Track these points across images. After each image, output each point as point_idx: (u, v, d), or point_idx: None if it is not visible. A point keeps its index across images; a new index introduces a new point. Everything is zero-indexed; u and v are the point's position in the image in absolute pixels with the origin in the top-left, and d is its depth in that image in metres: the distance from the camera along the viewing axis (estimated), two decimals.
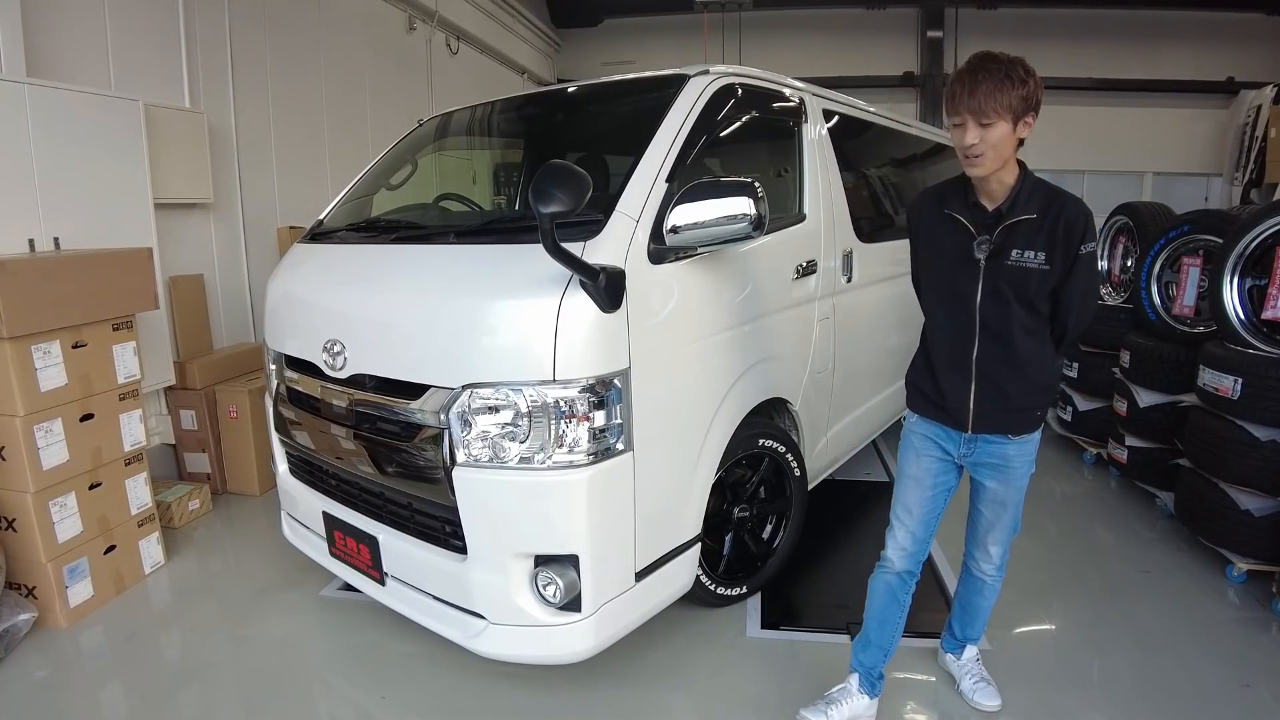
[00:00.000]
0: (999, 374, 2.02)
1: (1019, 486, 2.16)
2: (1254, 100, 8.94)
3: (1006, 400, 2.03)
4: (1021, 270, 1.93)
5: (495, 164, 4.32)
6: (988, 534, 2.25)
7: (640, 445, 2.20)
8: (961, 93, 1.85)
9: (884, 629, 2.27)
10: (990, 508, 2.21)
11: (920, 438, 2.20)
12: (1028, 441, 2.11)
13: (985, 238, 1.95)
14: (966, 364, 2.04)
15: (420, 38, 7.16)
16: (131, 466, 3.22)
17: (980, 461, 2.14)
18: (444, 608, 2.35)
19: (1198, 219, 4.06)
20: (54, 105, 3.23)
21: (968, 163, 1.90)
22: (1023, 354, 1.99)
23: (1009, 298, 1.95)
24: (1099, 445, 4.60)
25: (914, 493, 2.20)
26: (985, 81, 1.81)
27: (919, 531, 2.20)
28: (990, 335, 2.00)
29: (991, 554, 2.29)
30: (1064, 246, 1.90)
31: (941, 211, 2.05)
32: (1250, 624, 2.88)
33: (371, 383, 2.37)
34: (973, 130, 1.84)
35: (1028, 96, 1.83)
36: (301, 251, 2.95)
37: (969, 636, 2.46)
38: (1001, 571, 2.33)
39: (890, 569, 2.24)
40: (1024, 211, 1.92)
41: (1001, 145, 1.85)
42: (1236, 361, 3.17)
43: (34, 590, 2.88)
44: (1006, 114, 1.82)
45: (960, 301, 2.02)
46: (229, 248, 4.74)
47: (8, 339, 2.67)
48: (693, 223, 2.18)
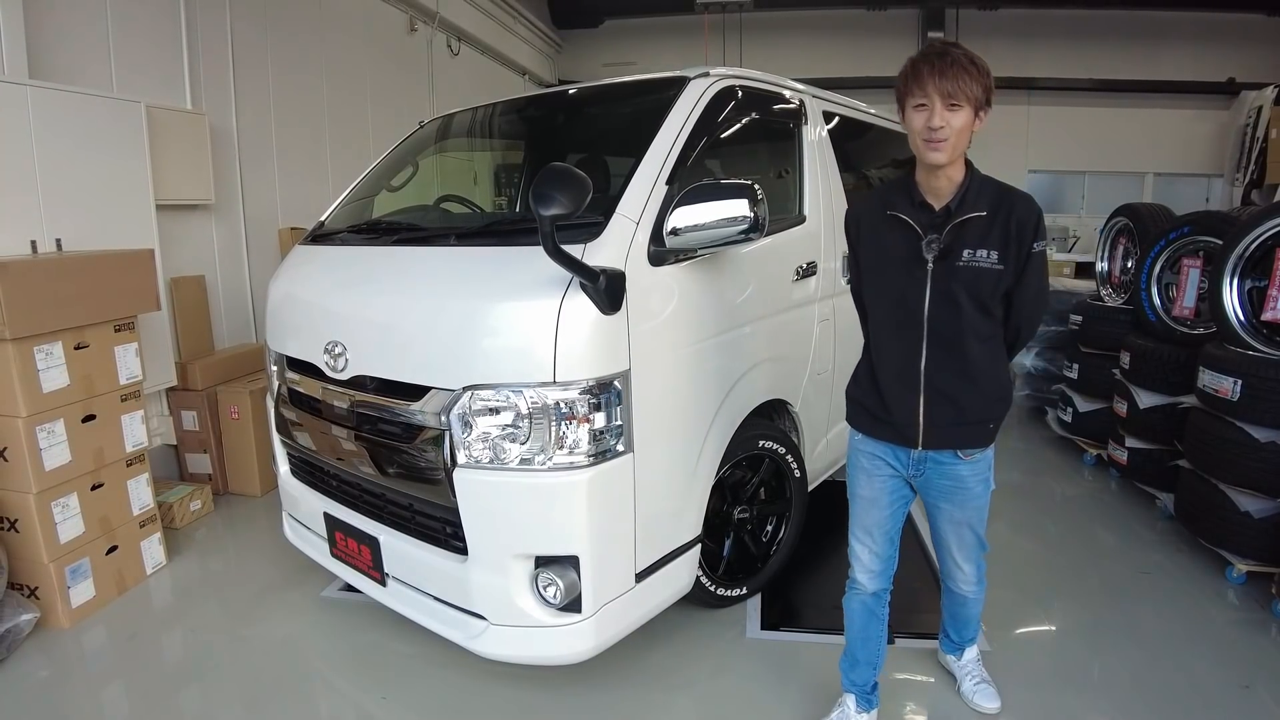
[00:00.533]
0: (950, 385, 1.91)
1: (977, 507, 2.08)
2: (1255, 101, 8.93)
3: (959, 413, 1.93)
4: (974, 270, 1.84)
5: (496, 166, 4.33)
6: (955, 553, 2.19)
7: (640, 446, 2.21)
8: (930, 73, 1.76)
9: (868, 645, 2.22)
10: (949, 529, 2.13)
11: (868, 457, 2.10)
12: (979, 460, 2.02)
13: (934, 237, 1.86)
14: (914, 375, 1.93)
15: (421, 39, 7.17)
16: (133, 467, 3.23)
17: (930, 484, 2.05)
18: (445, 608, 2.36)
19: (1198, 220, 4.07)
20: (56, 106, 3.24)
21: (930, 147, 1.80)
22: (976, 363, 1.90)
23: (961, 301, 1.85)
24: (1099, 446, 4.60)
25: (870, 514, 2.12)
26: (955, 65, 1.75)
27: (884, 550, 2.14)
28: (939, 343, 1.90)
29: (964, 570, 2.22)
30: (1016, 245, 1.83)
31: (884, 214, 1.95)
32: (1250, 625, 2.88)
33: (373, 384, 2.38)
34: (940, 112, 1.76)
35: (988, 89, 1.79)
36: (303, 253, 2.96)
37: (965, 639, 2.45)
38: (981, 583, 2.27)
39: (864, 591, 2.18)
40: (973, 209, 1.84)
41: (963, 133, 1.79)
42: (1236, 363, 3.17)
43: (36, 591, 2.89)
44: (971, 101, 1.77)
45: (907, 308, 1.91)
46: (230, 249, 4.74)
47: (10, 340, 2.68)
48: (693, 225, 2.18)
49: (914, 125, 1.82)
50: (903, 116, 1.87)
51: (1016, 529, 3.84)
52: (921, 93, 1.78)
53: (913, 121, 1.82)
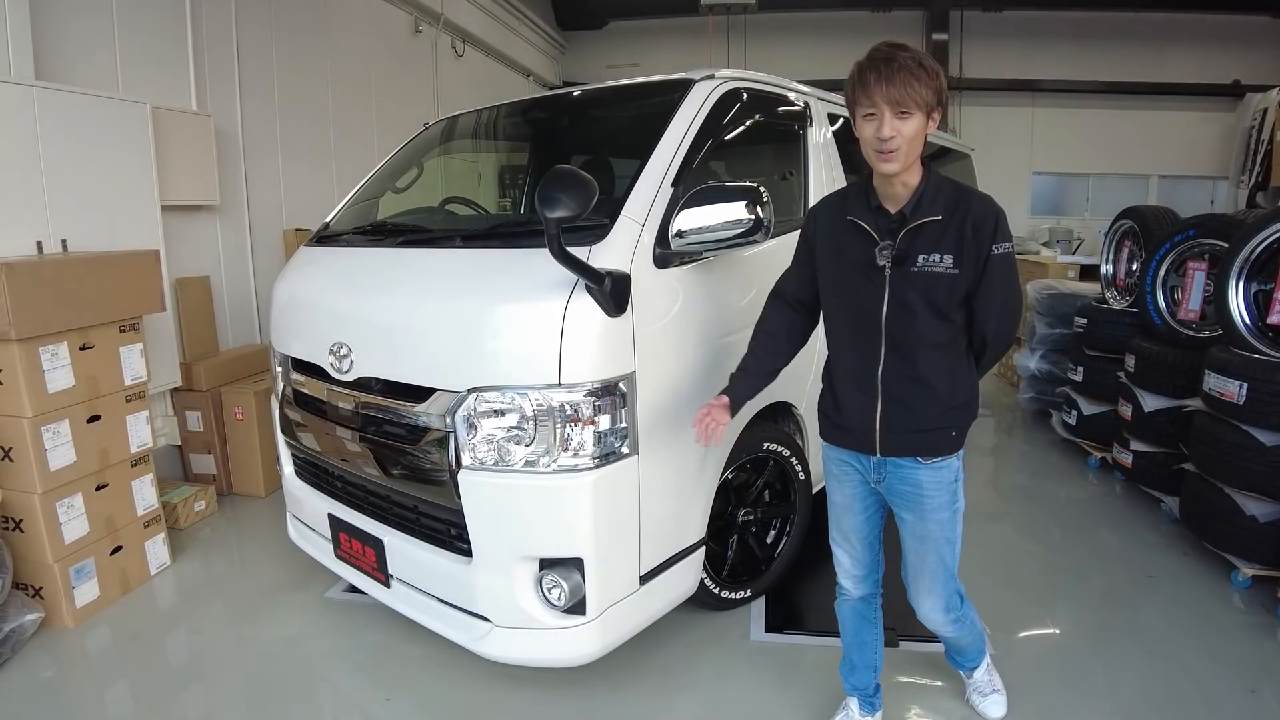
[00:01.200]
0: (906, 392, 1.87)
1: (940, 520, 1.95)
2: (1260, 103, 8.91)
3: (915, 419, 1.88)
4: (928, 276, 1.79)
5: (501, 168, 4.33)
6: (917, 580, 2.06)
7: (645, 449, 2.21)
8: (877, 81, 1.69)
9: (864, 650, 2.21)
10: (913, 544, 2.02)
11: (837, 464, 2.07)
12: (942, 468, 1.93)
13: (888, 243, 1.81)
14: (872, 382, 1.89)
15: (426, 40, 7.18)
16: (138, 468, 3.24)
17: (893, 489, 1.98)
18: (449, 610, 2.36)
19: (1203, 223, 4.05)
20: (62, 108, 3.26)
21: (882, 158, 1.74)
22: (931, 370, 1.85)
23: (916, 307, 1.81)
24: (1104, 449, 4.59)
25: (845, 519, 2.10)
26: (902, 70, 1.68)
27: (864, 555, 2.12)
28: (896, 350, 1.85)
29: (924, 609, 2.08)
30: (973, 248, 1.77)
31: (844, 219, 1.90)
32: (1256, 629, 2.87)
33: (378, 385, 2.38)
34: (889, 121, 1.70)
35: (939, 90, 1.72)
36: (308, 254, 2.96)
37: (966, 664, 2.37)
38: (959, 623, 2.13)
39: (851, 596, 2.17)
40: (928, 213, 1.78)
41: (915, 140, 1.73)
42: (1242, 366, 3.16)
43: (41, 590, 2.89)
44: (921, 107, 1.70)
45: (865, 315, 1.87)
46: (235, 250, 4.75)
47: (16, 341, 2.69)
48: (698, 227, 2.18)
49: (864, 135, 1.77)
50: (854, 125, 1.82)
51: (1021, 532, 3.84)
52: (869, 102, 1.73)
53: (863, 131, 1.77)
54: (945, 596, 2.05)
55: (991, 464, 5.05)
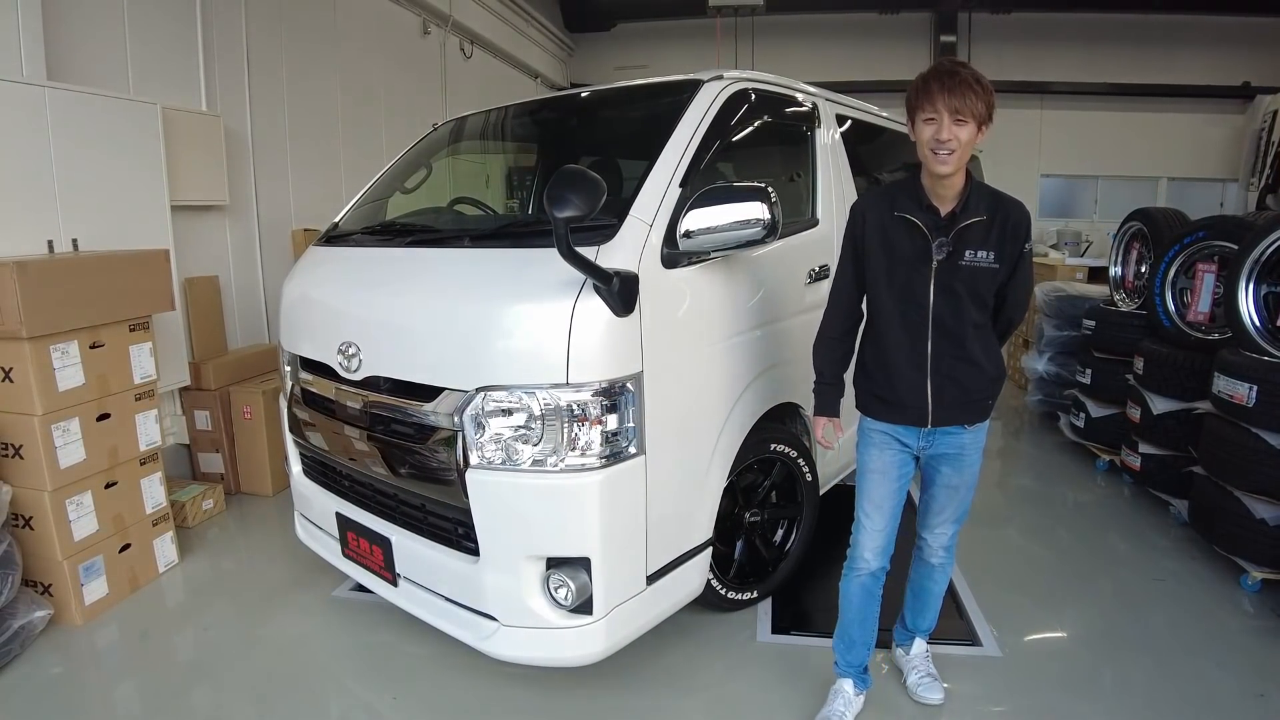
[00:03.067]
0: (955, 369, 2.08)
1: (973, 472, 2.23)
2: (1270, 105, 8.89)
3: (965, 393, 2.11)
4: (974, 270, 2.02)
5: (509, 168, 4.34)
6: (938, 516, 2.30)
7: (652, 449, 2.21)
8: (940, 90, 1.91)
9: (865, 626, 2.32)
10: (944, 492, 2.25)
11: (880, 434, 2.23)
12: (980, 430, 2.19)
13: (942, 239, 2.01)
14: (922, 362, 2.09)
15: (434, 42, 7.20)
16: (147, 466, 3.25)
17: (939, 453, 2.19)
18: (456, 609, 2.36)
19: (1213, 225, 4.04)
20: (73, 108, 3.27)
21: (937, 159, 1.95)
22: (975, 348, 2.08)
23: (962, 296, 2.03)
24: (1112, 452, 4.58)
25: (881, 487, 2.23)
26: (963, 84, 1.89)
27: (888, 526, 2.25)
28: (943, 333, 2.06)
29: (941, 535, 2.33)
30: (1010, 246, 2.02)
31: (892, 214, 2.08)
32: (1265, 633, 2.86)
33: (386, 385, 2.38)
34: (947, 125, 1.91)
35: (990, 107, 1.94)
36: (317, 254, 2.97)
37: (919, 627, 2.50)
38: (951, 555, 2.38)
39: (865, 569, 2.27)
40: (974, 214, 2.01)
41: (968, 146, 1.94)
42: (1252, 369, 3.14)
43: (50, 588, 2.91)
44: (975, 118, 1.92)
45: (914, 302, 2.07)
46: (244, 250, 4.77)
47: (27, 339, 2.70)
48: (706, 227, 2.19)
49: (923, 137, 1.97)
50: (912, 128, 2.02)
51: (1028, 534, 3.83)
52: (931, 108, 1.93)
53: (922, 133, 1.97)
54: (959, 521, 2.33)
55: (999, 466, 5.03)
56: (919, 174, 2.07)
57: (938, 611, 2.48)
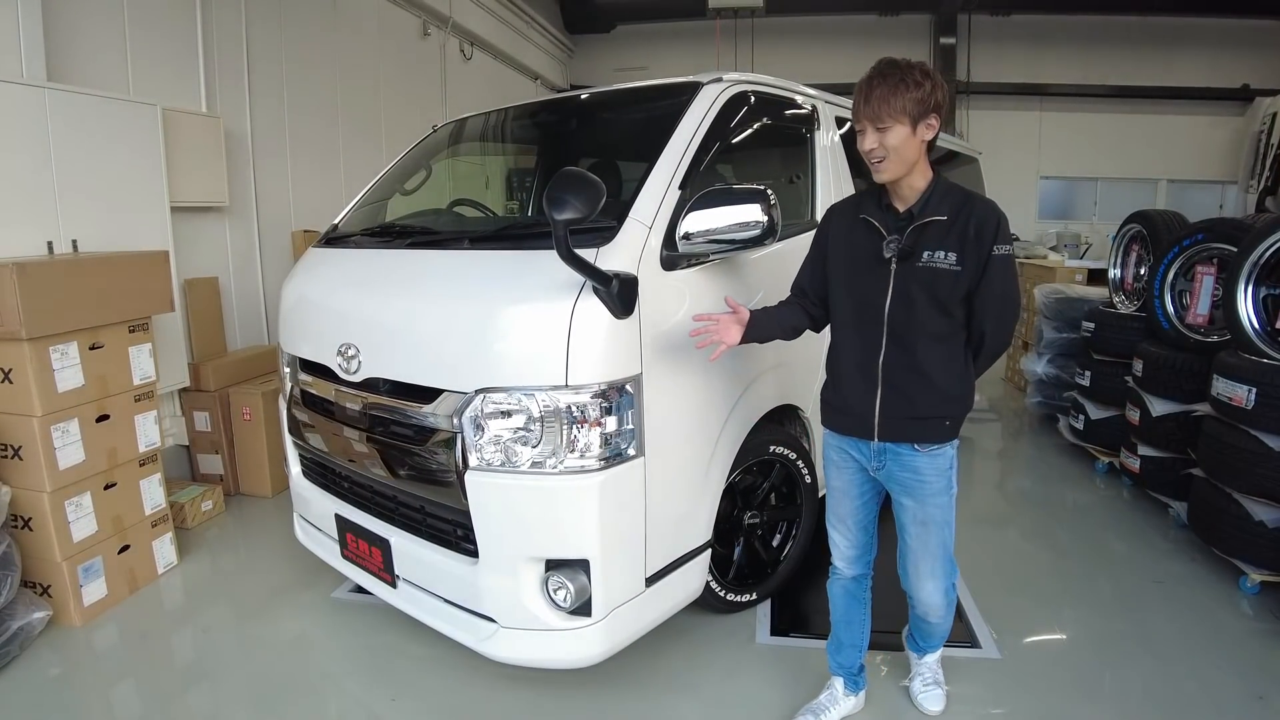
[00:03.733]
0: (905, 380, 1.98)
1: (938, 504, 2.06)
2: (1270, 107, 8.90)
3: (912, 407, 1.99)
4: (932, 271, 1.91)
5: (509, 170, 4.34)
6: (918, 565, 2.14)
7: (652, 451, 2.21)
8: (859, 99, 1.89)
9: (851, 628, 2.32)
10: (912, 529, 2.11)
11: (836, 450, 2.18)
12: (938, 455, 2.03)
13: (895, 238, 1.94)
14: (873, 370, 2.01)
15: (434, 43, 7.21)
16: (146, 467, 3.25)
17: (892, 475, 2.08)
18: (455, 611, 2.36)
19: (1212, 227, 4.04)
20: (73, 109, 3.28)
21: (872, 169, 1.92)
22: (931, 360, 1.96)
23: (917, 300, 1.93)
24: (1111, 454, 4.57)
25: (842, 504, 2.21)
26: (879, 87, 1.84)
27: (859, 538, 2.22)
28: (897, 340, 1.97)
29: (928, 588, 2.16)
30: (975, 247, 1.89)
31: (856, 216, 2.04)
32: (1264, 635, 2.86)
33: (385, 386, 2.38)
34: (870, 135, 1.88)
35: (924, 99, 1.84)
36: (316, 255, 2.97)
37: (927, 648, 2.44)
38: (949, 611, 2.24)
39: (843, 576, 2.28)
40: (935, 213, 1.92)
41: (902, 149, 1.87)
42: (1251, 371, 3.14)
43: (49, 589, 2.91)
44: (903, 117, 1.84)
45: (870, 305, 2.00)
46: (244, 251, 4.78)
47: (27, 340, 2.71)
48: (705, 229, 2.19)
49: (859, 149, 1.95)
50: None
51: (1028, 536, 3.83)
52: (856, 119, 1.92)
53: (858, 144, 1.95)
54: (945, 577, 2.16)
55: (998, 468, 5.03)
56: None
57: (944, 639, 2.38)
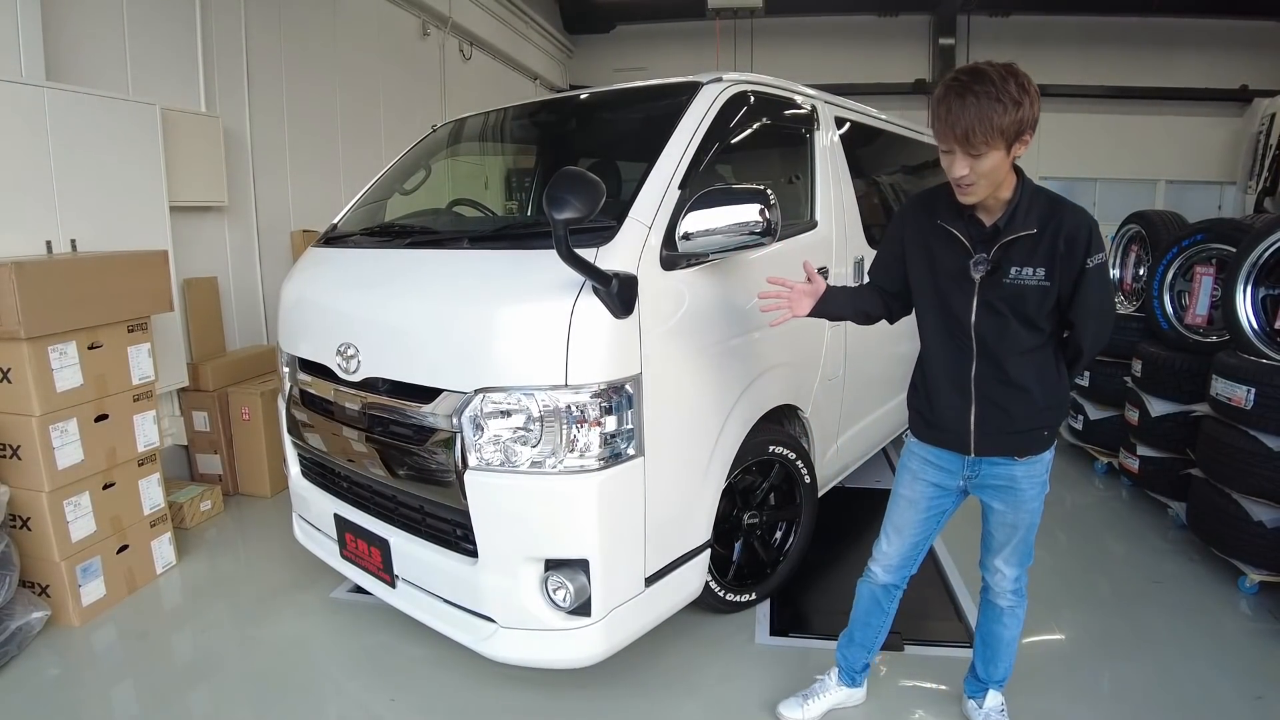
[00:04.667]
0: (999, 394, 1.90)
1: (1030, 509, 2.02)
2: (1268, 108, 8.91)
3: (1010, 421, 1.92)
4: (1019, 288, 1.81)
5: (508, 170, 4.34)
6: (997, 555, 2.12)
7: (651, 450, 2.21)
8: (943, 116, 1.68)
9: (868, 631, 2.30)
10: (1000, 530, 2.08)
11: (920, 461, 2.10)
12: (1036, 462, 1.98)
13: (982, 256, 1.83)
14: (965, 384, 1.93)
15: (434, 43, 7.20)
16: (145, 467, 3.25)
17: (985, 484, 2.02)
18: (454, 611, 2.36)
19: (1211, 227, 4.05)
20: (72, 109, 3.27)
21: (959, 191, 1.78)
22: (1023, 373, 1.88)
23: (1007, 316, 1.84)
24: (1110, 454, 4.58)
25: (906, 514, 2.15)
26: (973, 107, 1.63)
27: (907, 551, 2.17)
28: (987, 354, 1.89)
29: (1003, 579, 2.13)
30: (1066, 261, 1.78)
31: (933, 222, 1.92)
32: (1263, 636, 2.86)
33: (384, 386, 2.38)
34: (961, 161, 1.70)
35: (1022, 120, 1.65)
36: (316, 255, 2.97)
37: (991, 678, 2.28)
38: (1021, 598, 2.16)
39: (875, 581, 2.24)
40: (1022, 227, 1.79)
41: (995, 172, 1.71)
42: (1250, 371, 3.15)
43: (47, 589, 2.90)
44: (999, 141, 1.65)
45: (956, 319, 1.91)
46: (243, 251, 4.77)
47: (25, 339, 2.70)
48: (705, 229, 2.18)
49: (944, 167, 1.77)
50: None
51: None
52: (943, 140, 1.72)
53: (943, 163, 1.77)
54: (1021, 563, 2.13)
55: None
56: None
57: (1012, 661, 2.26)
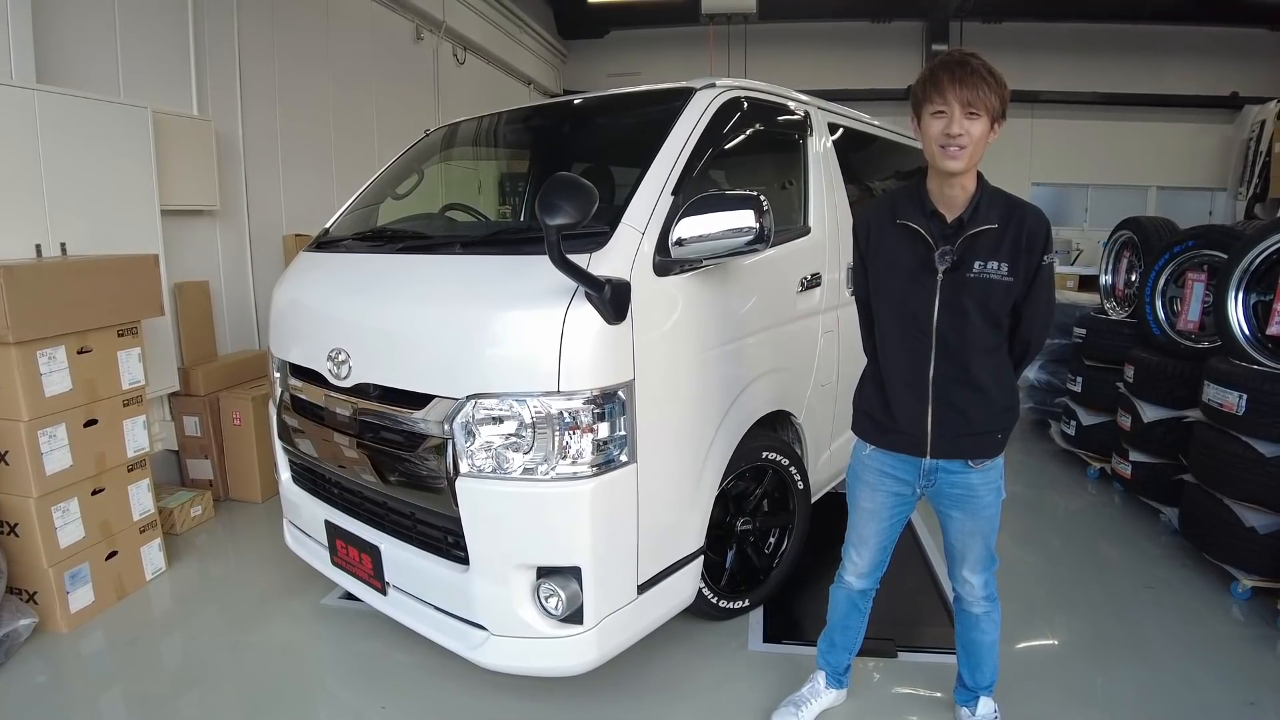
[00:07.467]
0: (957, 396, 1.92)
1: (988, 515, 2.05)
2: (1258, 115, 8.95)
3: (968, 423, 1.94)
4: (985, 283, 1.84)
5: (501, 175, 4.34)
6: (962, 564, 2.14)
7: (644, 457, 2.20)
8: (950, 81, 1.75)
9: (847, 633, 2.34)
10: (959, 539, 2.10)
11: (875, 472, 2.10)
12: (990, 469, 2.01)
13: (947, 248, 1.86)
14: (923, 383, 1.94)
15: (428, 48, 7.19)
16: (135, 472, 3.23)
17: (941, 492, 2.04)
18: (445, 618, 2.35)
19: (1202, 234, 4.07)
20: (63, 111, 3.25)
21: (946, 154, 1.79)
22: (983, 374, 1.91)
23: (969, 312, 1.86)
24: (1103, 460, 4.59)
25: (869, 525, 2.16)
26: (975, 75, 1.75)
27: (876, 557, 2.21)
28: (947, 353, 1.90)
29: (972, 584, 2.15)
30: (1026, 257, 1.83)
31: (894, 222, 1.94)
32: (1255, 641, 2.87)
33: (376, 392, 2.37)
34: (959, 120, 1.76)
35: (1003, 101, 1.78)
36: (307, 260, 2.96)
37: (979, 684, 2.28)
38: (994, 602, 2.19)
39: (851, 587, 2.28)
40: (985, 221, 1.84)
41: (980, 143, 1.79)
42: (1241, 377, 3.16)
43: (35, 595, 2.88)
44: (988, 112, 1.77)
45: (916, 318, 1.92)
46: (235, 255, 4.75)
47: (14, 344, 2.68)
48: (698, 235, 2.18)
49: (931, 132, 1.80)
50: (917, 124, 1.87)
51: (1019, 542, 3.82)
52: (941, 99, 1.77)
53: (930, 128, 1.81)
54: (986, 569, 2.15)
55: None
56: (924, 179, 1.93)
57: (996, 664, 2.27)
